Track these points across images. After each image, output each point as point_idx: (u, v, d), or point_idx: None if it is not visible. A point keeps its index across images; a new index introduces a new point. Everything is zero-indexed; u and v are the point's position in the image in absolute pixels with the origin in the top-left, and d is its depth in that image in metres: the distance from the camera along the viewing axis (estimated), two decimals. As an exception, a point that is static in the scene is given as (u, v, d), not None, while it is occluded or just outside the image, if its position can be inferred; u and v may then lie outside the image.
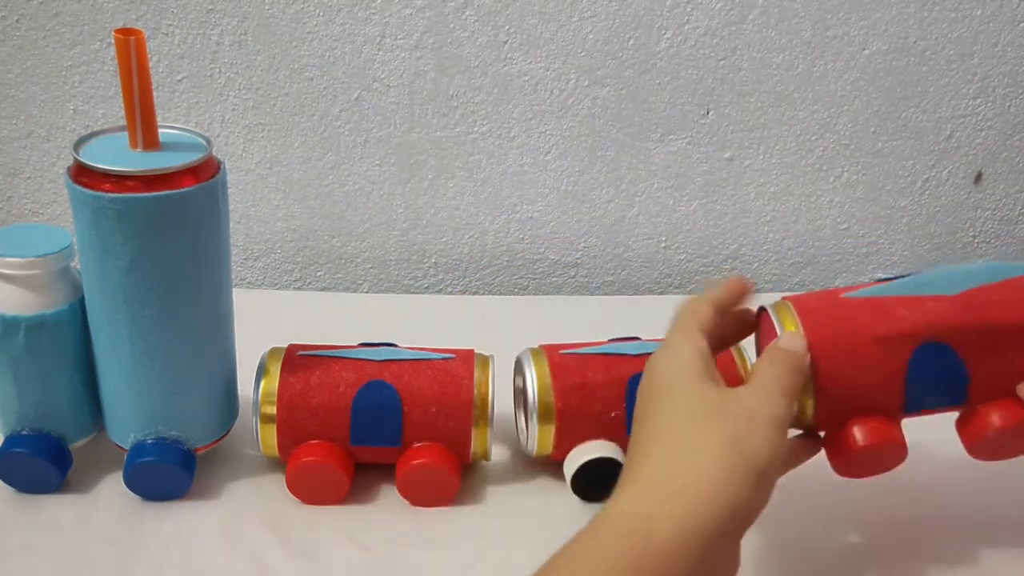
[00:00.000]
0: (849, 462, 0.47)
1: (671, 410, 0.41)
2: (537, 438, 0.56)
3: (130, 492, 0.54)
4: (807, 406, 0.46)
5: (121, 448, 0.54)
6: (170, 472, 0.53)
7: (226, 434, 0.57)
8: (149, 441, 0.53)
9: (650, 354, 0.54)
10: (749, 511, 0.39)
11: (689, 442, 0.40)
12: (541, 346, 0.58)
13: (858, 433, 0.46)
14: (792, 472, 0.48)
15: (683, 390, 0.42)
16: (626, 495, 0.39)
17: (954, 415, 0.48)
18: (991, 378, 0.46)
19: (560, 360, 0.56)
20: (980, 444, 0.47)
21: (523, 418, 0.58)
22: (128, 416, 0.53)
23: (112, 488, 0.55)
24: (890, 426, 0.46)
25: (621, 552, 0.36)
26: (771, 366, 0.44)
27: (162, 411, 0.53)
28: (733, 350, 0.57)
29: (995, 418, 0.46)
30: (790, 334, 0.46)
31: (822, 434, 0.48)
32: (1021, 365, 0.46)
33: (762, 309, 0.49)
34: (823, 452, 0.48)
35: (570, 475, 0.55)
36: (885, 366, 0.45)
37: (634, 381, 0.55)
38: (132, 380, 0.52)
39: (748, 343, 0.59)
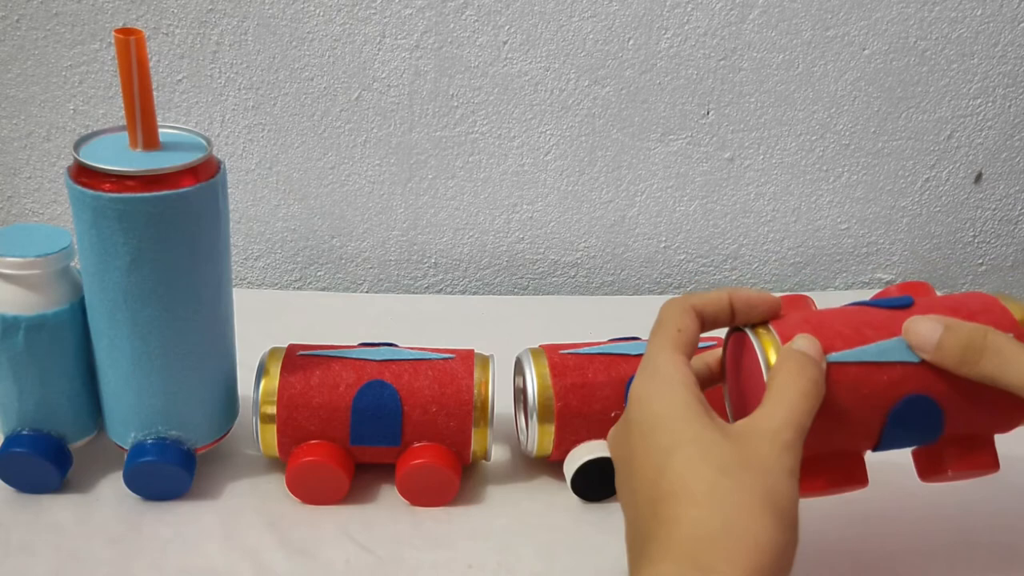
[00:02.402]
0: (811, 494, 0.45)
1: (687, 462, 0.38)
2: (537, 438, 0.56)
3: (130, 492, 0.54)
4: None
5: (121, 448, 0.54)
6: (170, 472, 0.53)
7: (226, 434, 0.57)
8: (149, 441, 0.53)
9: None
10: (790, 560, 0.37)
11: (725, 501, 0.36)
12: (541, 346, 0.58)
13: (823, 476, 0.44)
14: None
15: (695, 441, 0.38)
16: (665, 566, 0.36)
17: None
18: (963, 423, 0.45)
19: (560, 360, 0.56)
20: (933, 479, 0.46)
21: (523, 418, 0.58)
22: (128, 416, 0.53)
23: (112, 488, 0.55)
24: (857, 466, 0.45)
25: None
26: (793, 395, 0.40)
27: (162, 411, 0.53)
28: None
29: (951, 462, 0.45)
30: (810, 340, 0.42)
31: None
32: (991, 411, 0.45)
33: (735, 329, 0.46)
34: None
35: (570, 475, 0.55)
36: (869, 415, 0.43)
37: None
38: (132, 380, 0.52)
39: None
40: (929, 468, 0.46)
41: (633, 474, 0.40)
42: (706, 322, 0.44)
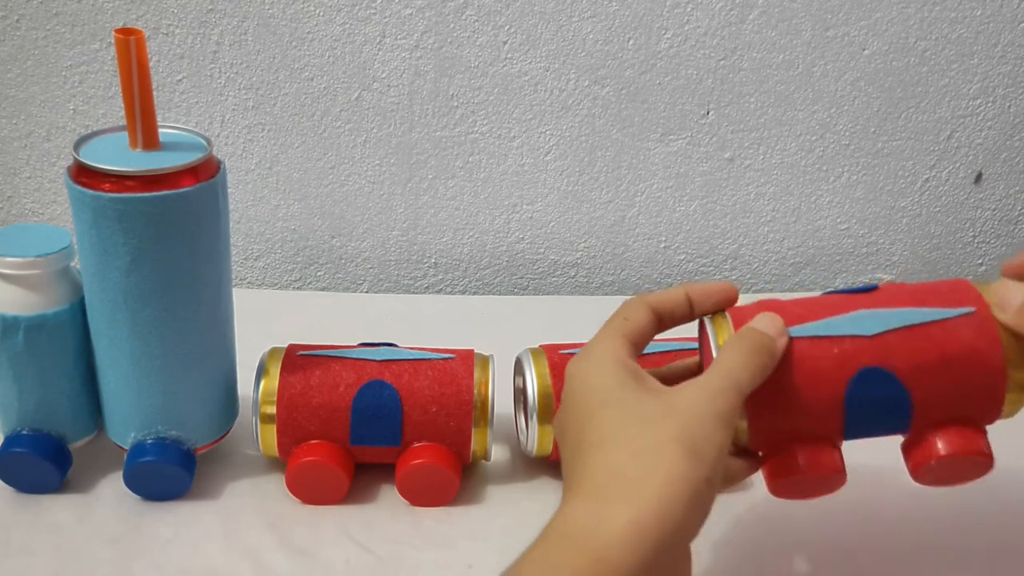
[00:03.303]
0: (785, 486, 0.45)
1: (613, 419, 0.40)
2: (537, 438, 0.56)
3: (130, 492, 0.54)
4: (741, 427, 0.44)
5: (121, 448, 0.54)
6: (170, 472, 0.53)
7: (226, 434, 0.57)
8: (149, 441, 0.53)
9: (657, 353, 0.54)
10: (701, 509, 0.38)
11: (637, 442, 0.38)
12: (541, 346, 0.58)
13: (800, 458, 0.43)
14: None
15: (621, 400, 0.40)
16: (575, 505, 0.38)
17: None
18: (934, 404, 0.44)
19: (560, 360, 0.56)
20: (924, 471, 0.45)
21: (523, 418, 0.58)
22: (128, 416, 0.53)
23: (112, 488, 0.55)
24: (829, 452, 0.44)
25: (576, 564, 0.35)
26: (731, 354, 0.41)
27: (162, 411, 0.53)
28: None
29: (940, 445, 0.44)
30: (769, 316, 0.43)
31: (760, 454, 0.46)
32: (962, 392, 0.44)
33: (702, 321, 0.46)
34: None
35: (570, 475, 0.55)
36: (823, 391, 0.43)
37: None
38: (132, 380, 0.52)
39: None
40: (918, 459, 0.44)
41: (566, 443, 0.42)
42: (664, 319, 0.45)
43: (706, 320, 0.45)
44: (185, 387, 0.53)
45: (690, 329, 0.48)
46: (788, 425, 0.44)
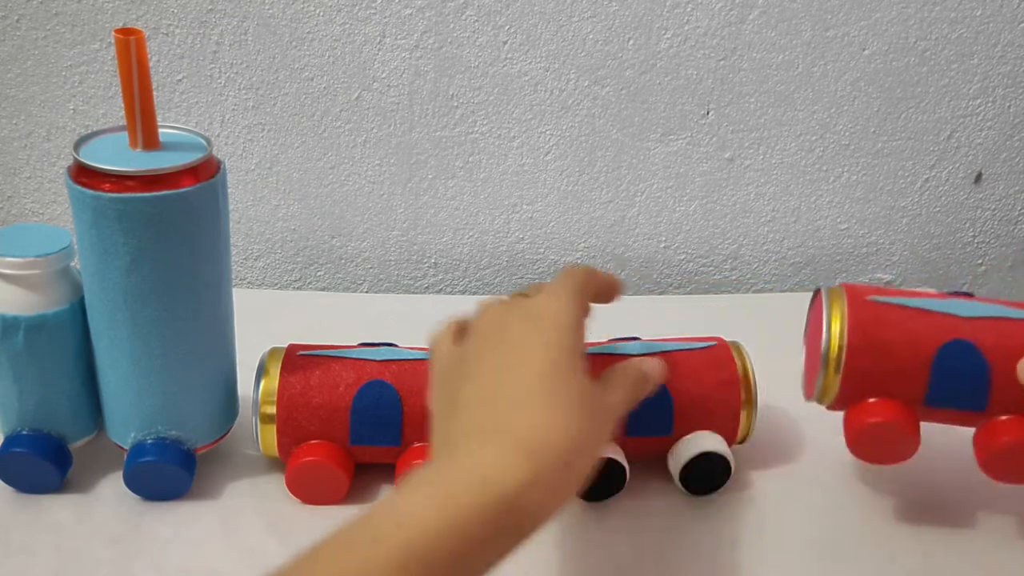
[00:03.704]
0: (865, 441, 0.50)
1: (518, 375, 0.41)
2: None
3: (130, 492, 0.54)
4: (833, 382, 0.50)
5: (121, 448, 0.54)
6: (170, 472, 0.53)
7: (226, 434, 0.57)
8: (149, 441, 0.53)
9: (649, 354, 0.54)
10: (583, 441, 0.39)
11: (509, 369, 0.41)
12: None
13: (884, 411, 0.49)
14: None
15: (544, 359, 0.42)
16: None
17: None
18: (1013, 386, 0.47)
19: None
20: (993, 457, 0.48)
21: None
22: (128, 416, 0.53)
23: (112, 488, 0.55)
24: (910, 411, 0.49)
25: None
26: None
27: (162, 411, 0.53)
28: (732, 349, 0.57)
29: (1009, 429, 0.48)
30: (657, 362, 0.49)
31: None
32: None
33: (817, 291, 0.53)
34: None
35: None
36: (916, 350, 0.48)
37: None
38: (132, 380, 0.52)
39: (757, 345, 0.59)
40: (988, 443, 0.49)
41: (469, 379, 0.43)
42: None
43: (823, 289, 0.52)
44: (185, 387, 0.53)
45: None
46: (879, 378, 0.49)
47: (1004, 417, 0.48)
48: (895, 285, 0.91)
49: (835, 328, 0.50)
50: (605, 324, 0.64)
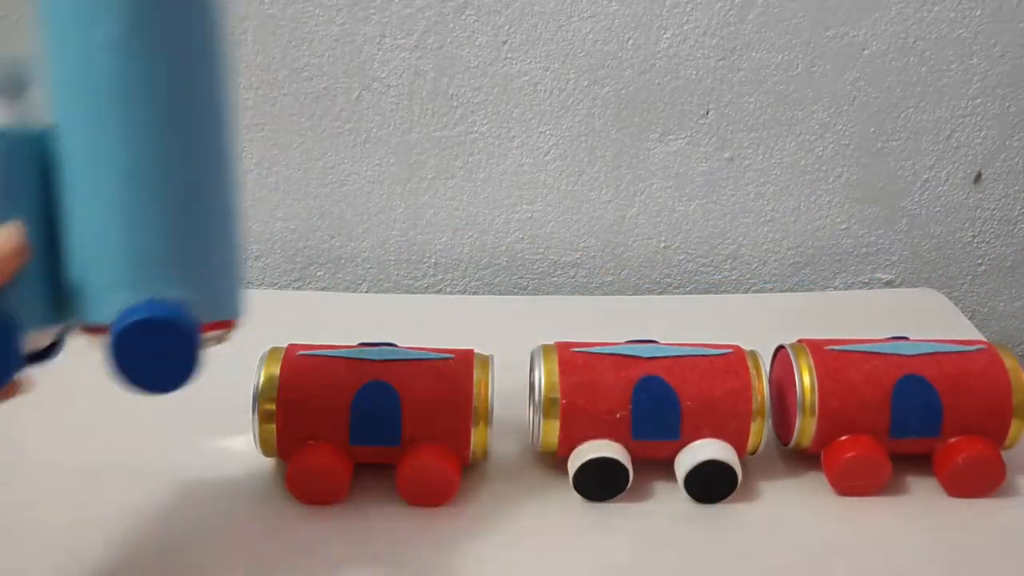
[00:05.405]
0: (844, 476, 0.55)
1: None
2: (542, 434, 0.56)
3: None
4: (809, 424, 0.55)
5: (101, 330, 0.39)
6: (173, 342, 0.38)
7: (233, 323, 0.43)
8: (143, 303, 0.38)
9: (670, 358, 0.56)
10: None
11: None
12: (556, 343, 0.58)
13: (848, 447, 0.55)
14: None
15: None
16: None
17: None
18: (961, 411, 0.55)
19: (570, 357, 0.56)
20: (952, 475, 0.55)
21: (531, 412, 0.58)
22: (114, 269, 0.39)
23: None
24: (878, 444, 0.55)
25: None
26: None
27: (161, 255, 0.39)
28: (748, 357, 0.56)
29: (963, 447, 0.55)
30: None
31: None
32: (983, 403, 0.56)
33: (779, 348, 0.59)
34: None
35: (572, 473, 0.55)
36: (877, 387, 0.55)
37: (642, 384, 0.55)
38: (123, 209, 0.38)
39: (756, 345, 0.59)
40: (946, 464, 0.56)
41: None
42: None
43: (786, 346, 0.58)
44: (193, 220, 0.39)
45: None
46: (849, 416, 0.55)
47: (953, 439, 0.56)
48: (895, 285, 0.91)
49: (805, 377, 0.56)
50: (606, 324, 0.64)
